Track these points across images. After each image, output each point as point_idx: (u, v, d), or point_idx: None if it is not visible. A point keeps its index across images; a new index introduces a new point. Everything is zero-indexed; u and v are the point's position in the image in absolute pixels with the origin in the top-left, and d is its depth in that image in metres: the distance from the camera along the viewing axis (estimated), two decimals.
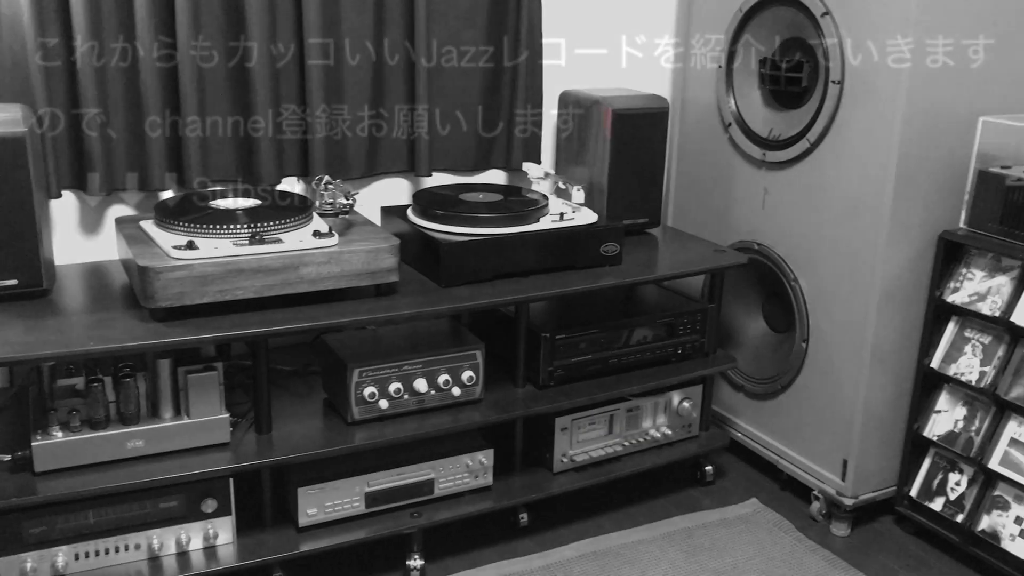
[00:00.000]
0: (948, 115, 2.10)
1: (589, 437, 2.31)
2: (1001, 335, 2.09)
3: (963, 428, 2.16)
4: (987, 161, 2.13)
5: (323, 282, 1.89)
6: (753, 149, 2.42)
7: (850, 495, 2.29)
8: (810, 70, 2.25)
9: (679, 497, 2.48)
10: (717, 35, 2.50)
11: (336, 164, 2.32)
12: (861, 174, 2.14)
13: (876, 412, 2.26)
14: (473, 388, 2.09)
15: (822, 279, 2.29)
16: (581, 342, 2.23)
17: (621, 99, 2.39)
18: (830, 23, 2.14)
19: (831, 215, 2.24)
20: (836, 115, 2.17)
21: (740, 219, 2.52)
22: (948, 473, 2.21)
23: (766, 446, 2.53)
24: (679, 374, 2.36)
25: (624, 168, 2.41)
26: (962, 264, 2.16)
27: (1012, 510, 2.07)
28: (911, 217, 2.13)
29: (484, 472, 2.16)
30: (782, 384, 2.45)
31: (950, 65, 2.05)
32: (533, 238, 2.14)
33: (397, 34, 2.32)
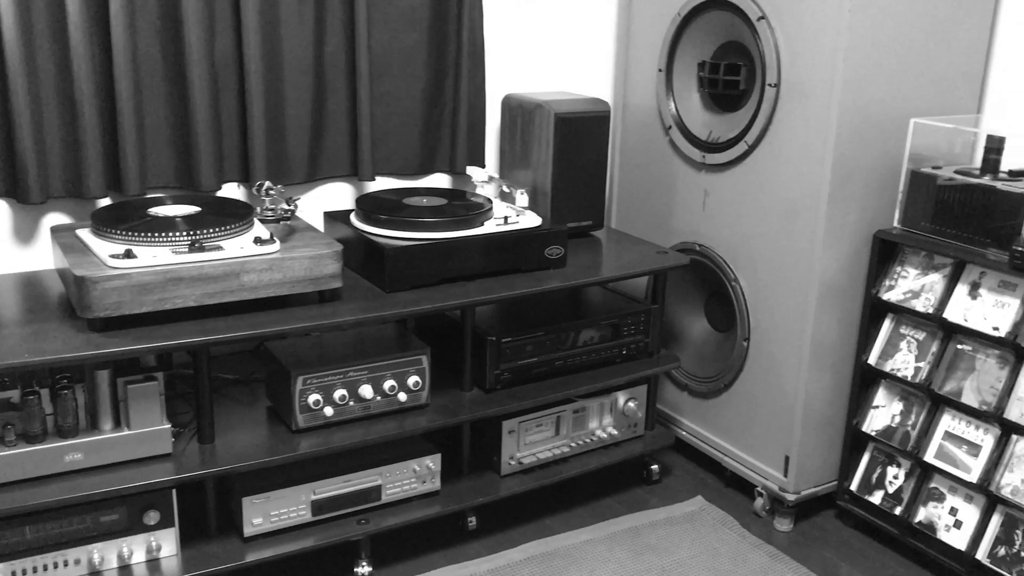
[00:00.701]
0: (881, 117, 2.15)
1: (536, 439, 2.32)
2: (935, 331, 2.15)
3: (900, 423, 2.21)
4: (919, 161, 2.19)
5: (265, 289, 1.87)
6: (693, 152, 2.45)
7: (792, 491, 2.33)
8: (747, 73, 2.29)
9: (626, 496, 2.50)
10: (657, 39, 2.53)
11: (277, 169, 2.30)
12: (798, 175, 2.19)
13: (816, 408, 2.31)
14: (419, 393, 2.09)
15: (762, 279, 2.33)
16: (527, 345, 2.24)
17: (563, 103, 2.41)
18: (766, 27, 2.18)
19: (770, 216, 2.28)
20: (773, 118, 2.21)
21: (682, 221, 2.55)
22: (886, 467, 2.27)
23: (710, 444, 2.57)
24: (624, 374, 2.38)
25: (567, 171, 2.43)
26: (896, 262, 2.21)
27: (947, 501, 2.13)
28: (846, 217, 2.18)
29: (431, 477, 2.16)
30: (725, 382, 2.48)
31: (882, 68, 2.11)
32: (478, 242, 2.15)
33: (338, 38, 2.31)
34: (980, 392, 2.03)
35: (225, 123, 2.22)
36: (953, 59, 2.23)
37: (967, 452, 2.07)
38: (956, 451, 2.09)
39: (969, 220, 2.06)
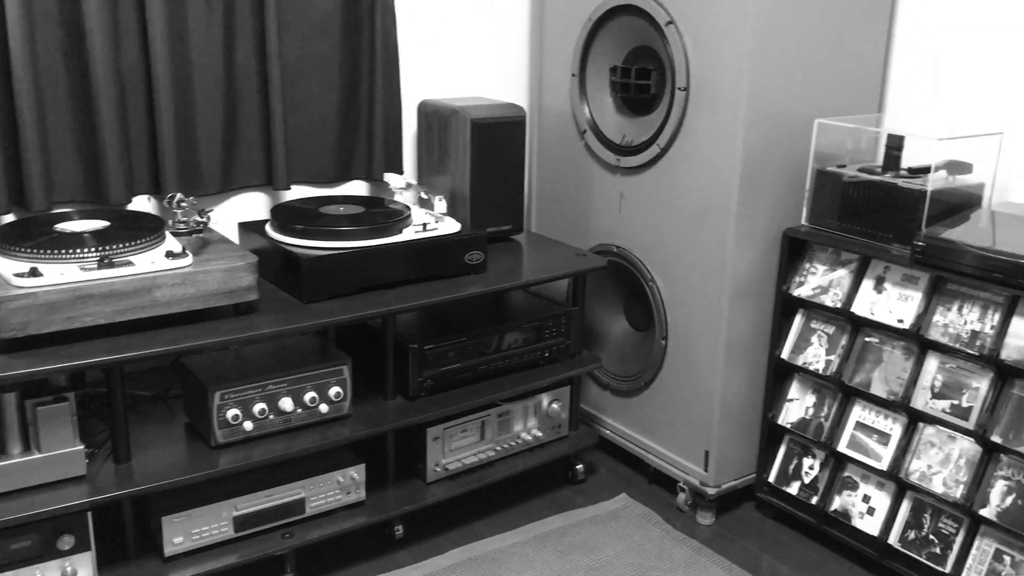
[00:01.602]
0: (787, 118, 2.21)
1: (461, 445, 2.32)
2: (843, 325, 2.22)
3: (813, 415, 2.28)
4: (824, 160, 2.26)
5: (178, 304, 1.83)
6: (608, 155, 2.49)
7: (713, 485, 2.39)
8: (658, 77, 2.34)
9: (552, 497, 2.52)
10: (569, 44, 2.56)
11: (189, 180, 2.26)
12: (709, 177, 2.24)
13: (733, 403, 2.36)
14: (341, 404, 2.08)
15: (677, 278, 2.38)
16: (450, 351, 2.24)
17: (479, 108, 2.42)
18: (674, 32, 2.23)
19: (683, 216, 2.32)
20: (683, 121, 2.26)
21: (599, 223, 2.59)
22: (802, 458, 2.34)
23: (633, 442, 2.61)
24: (547, 376, 2.40)
25: (485, 176, 2.44)
26: (805, 259, 2.28)
27: (860, 489, 2.20)
28: (757, 216, 2.24)
29: (356, 487, 2.15)
30: (645, 381, 2.53)
31: (786, 71, 2.17)
32: (397, 250, 2.14)
33: (248, 46, 2.27)
34: (888, 383, 2.11)
35: (134, 134, 2.17)
36: (854, 61, 2.30)
37: (877, 441, 2.15)
38: (867, 440, 2.16)
39: (873, 216, 2.14)
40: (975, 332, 1.95)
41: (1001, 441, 1.91)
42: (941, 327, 2.00)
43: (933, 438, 2.05)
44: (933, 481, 2.03)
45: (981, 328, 1.94)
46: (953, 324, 1.98)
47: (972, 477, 1.97)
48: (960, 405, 1.98)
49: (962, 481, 1.98)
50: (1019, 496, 1.90)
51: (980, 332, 1.94)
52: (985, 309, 1.94)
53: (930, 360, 2.04)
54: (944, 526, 2.04)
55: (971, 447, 1.98)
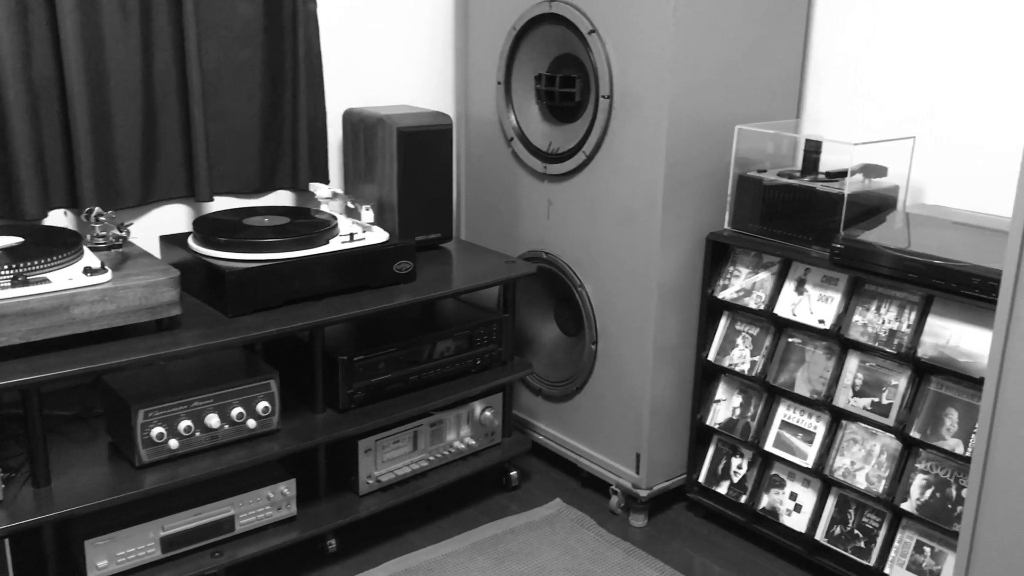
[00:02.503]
0: (708, 125, 2.25)
1: (394, 456, 2.31)
2: (767, 326, 2.27)
3: (740, 415, 2.32)
4: (745, 166, 2.30)
5: (97, 321, 1.79)
6: (535, 162, 2.50)
7: (644, 487, 2.41)
8: (582, 85, 2.36)
9: (487, 505, 2.52)
10: (494, 52, 2.56)
11: (107, 193, 2.20)
12: (634, 183, 2.26)
13: (663, 406, 2.39)
14: (270, 419, 2.04)
15: (606, 283, 2.40)
16: (380, 362, 2.23)
17: (405, 117, 2.41)
18: (597, 40, 2.25)
19: (610, 222, 2.35)
20: (608, 128, 2.28)
21: (528, 230, 2.60)
22: (730, 458, 2.38)
23: (566, 446, 2.62)
24: (479, 384, 2.40)
25: (413, 185, 2.43)
26: (729, 263, 2.32)
27: (787, 487, 2.25)
28: (681, 221, 2.28)
29: (287, 503, 2.12)
30: (577, 385, 2.54)
31: (707, 78, 2.21)
32: (323, 261, 2.12)
33: (167, 54, 2.23)
34: (811, 382, 2.16)
35: (48, 147, 2.11)
36: (772, 68, 2.36)
37: (802, 439, 2.19)
38: (792, 439, 2.21)
39: (793, 220, 2.19)
40: (893, 331, 2.01)
41: (919, 436, 1.97)
42: (860, 327, 2.06)
43: (855, 435, 2.10)
44: (856, 477, 2.08)
45: (898, 327, 2.00)
46: (872, 324, 2.04)
47: (893, 472, 2.03)
48: (880, 402, 2.03)
49: (884, 476, 2.04)
50: (937, 489, 1.96)
51: (897, 331, 2.00)
52: (902, 309, 2.00)
53: (851, 359, 2.10)
54: (868, 520, 2.10)
55: (891, 443, 2.04)
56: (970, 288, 1.84)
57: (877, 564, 2.07)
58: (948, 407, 1.94)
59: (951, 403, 1.93)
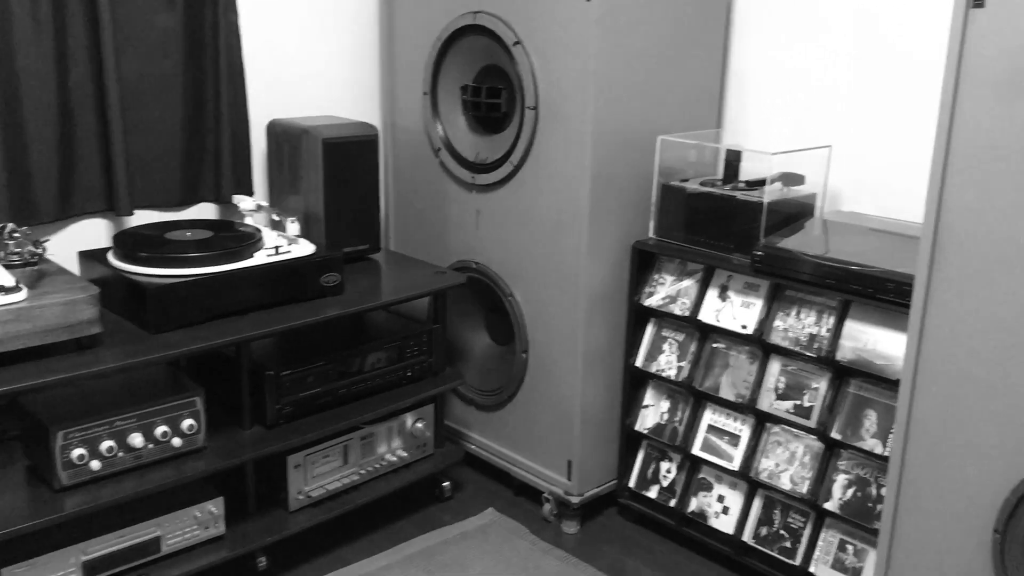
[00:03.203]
0: (632, 135, 2.28)
1: (324, 470, 2.28)
2: (692, 332, 2.31)
3: (668, 419, 2.36)
4: (668, 175, 2.34)
5: (13, 342, 1.73)
6: (463, 173, 2.51)
7: (576, 493, 2.43)
8: (508, 96, 2.37)
9: (420, 517, 2.51)
10: (420, 63, 2.56)
11: (22, 208, 2.14)
12: (561, 193, 2.28)
13: (593, 413, 2.42)
14: (195, 437, 2.01)
15: (535, 292, 2.41)
16: (308, 376, 2.21)
17: (330, 128, 2.39)
18: (521, 52, 2.27)
19: (538, 232, 2.36)
20: (534, 139, 2.30)
21: (457, 240, 2.60)
22: (659, 462, 2.41)
23: (498, 455, 2.63)
24: (410, 396, 2.39)
25: (339, 196, 2.41)
26: (654, 270, 2.36)
27: (715, 490, 2.29)
28: (607, 230, 2.30)
29: (215, 521, 2.08)
30: (508, 394, 2.55)
31: (630, 90, 2.24)
32: (248, 274, 2.09)
33: (83, 67, 2.18)
34: (735, 386, 2.20)
35: None
36: (694, 80, 2.40)
37: (728, 442, 2.24)
38: (719, 442, 2.26)
39: (715, 228, 2.23)
40: (813, 335, 2.06)
41: (840, 437, 2.02)
42: (782, 331, 2.11)
43: (779, 437, 2.15)
44: (781, 479, 2.13)
45: (818, 331, 2.05)
46: (792, 328, 2.09)
47: (816, 473, 2.08)
48: (802, 405, 2.09)
49: (807, 477, 2.09)
50: (858, 489, 2.02)
51: (817, 335, 2.05)
52: (821, 313, 2.06)
53: (773, 363, 2.15)
54: (793, 521, 2.15)
55: (814, 444, 2.10)
56: (885, 293, 1.90)
57: (802, 563, 2.12)
58: (867, 408, 1.99)
59: (870, 404, 1.99)
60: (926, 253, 1.65)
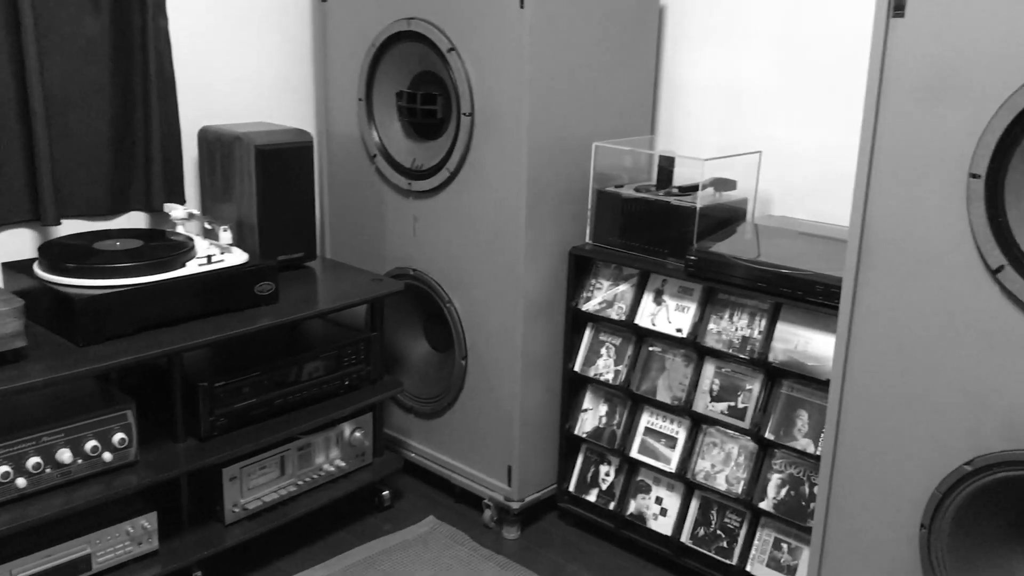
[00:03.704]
0: (568, 142, 2.30)
1: (261, 482, 2.25)
2: (629, 336, 2.33)
3: (607, 423, 2.38)
4: (604, 181, 2.36)
5: None
6: (399, 179, 2.50)
7: (517, 499, 2.44)
8: (444, 102, 2.37)
9: (359, 527, 2.49)
10: (354, 69, 2.55)
11: None
12: (498, 199, 2.29)
13: (532, 418, 2.42)
14: (127, 451, 1.96)
15: (474, 298, 2.42)
16: (243, 386, 2.17)
17: (263, 134, 2.36)
18: (456, 59, 2.27)
19: (476, 238, 2.37)
20: (471, 145, 2.30)
21: (394, 247, 2.59)
22: (599, 466, 2.43)
23: (438, 463, 2.62)
24: (348, 405, 2.37)
25: (273, 204, 2.38)
26: (591, 275, 2.38)
27: (653, 492, 2.32)
28: (544, 236, 2.31)
29: (148, 537, 2.04)
30: (448, 401, 2.55)
31: (565, 97, 2.26)
32: (180, 285, 2.06)
33: (5, 73, 2.12)
34: (671, 389, 2.23)
35: None
36: (628, 86, 2.43)
37: (665, 445, 2.26)
38: (656, 445, 2.28)
39: (650, 233, 2.26)
40: (745, 338, 2.10)
41: (774, 438, 2.06)
42: (715, 334, 2.14)
43: (715, 439, 2.19)
44: (717, 479, 2.16)
45: (750, 334, 2.09)
46: (725, 331, 2.13)
47: (751, 473, 2.12)
48: (736, 406, 2.12)
49: (742, 477, 2.13)
50: (792, 488, 2.06)
51: (750, 337, 2.09)
52: (753, 316, 2.10)
53: (707, 366, 2.18)
54: (729, 521, 2.18)
55: (748, 445, 2.13)
56: (814, 295, 1.94)
57: (739, 563, 2.15)
58: (799, 408, 2.03)
59: (801, 405, 2.03)
60: (853, 256, 1.69)
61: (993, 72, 1.47)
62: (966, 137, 1.52)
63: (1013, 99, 1.46)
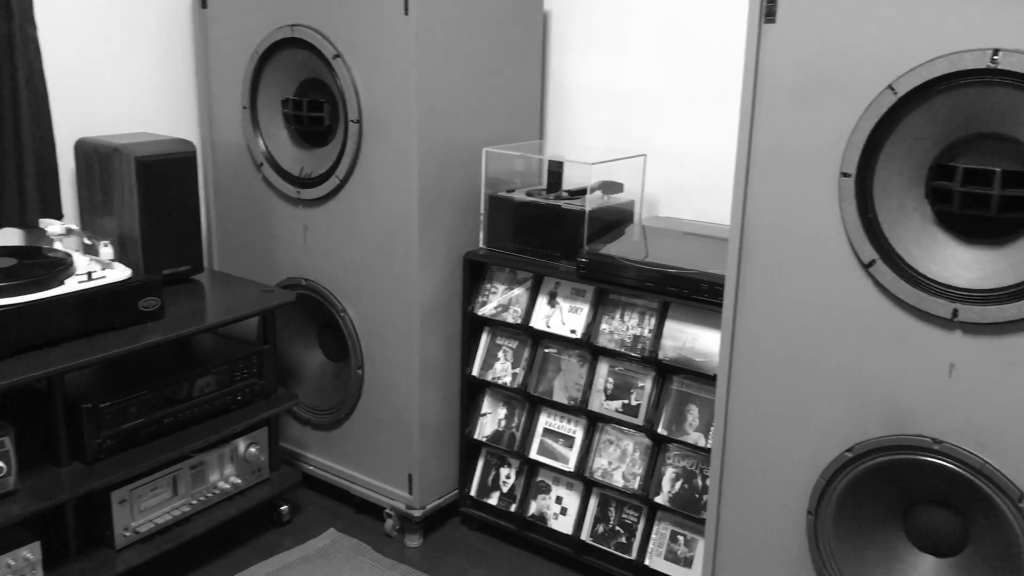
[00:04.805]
0: (458, 148, 2.31)
1: (153, 504, 2.18)
2: (525, 339, 2.35)
3: (506, 426, 2.39)
4: (495, 186, 2.38)
5: None
6: (288, 188, 2.46)
7: (418, 506, 2.43)
8: (331, 109, 2.35)
9: (258, 543, 2.44)
10: (238, 77, 2.50)
11: None
12: (390, 206, 2.28)
13: (432, 424, 2.42)
14: (5, 479, 1.87)
15: (368, 307, 2.40)
16: (130, 406, 2.10)
17: (144, 145, 2.29)
18: (342, 65, 2.25)
19: (368, 246, 2.35)
20: (360, 152, 2.28)
21: (285, 257, 2.54)
22: (499, 469, 2.44)
23: (338, 474, 2.59)
24: (242, 420, 2.32)
25: (157, 216, 2.31)
26: (486, 280, 2.39)
27: (553, 492, 2.34)
28: (437, 242, 2.31)
29: (31, 568, 1.95)
30: (345, 412, 2.52)
31: (454, 103, 2.26)
32: (59, 303, 1.97)
33: None
34: (567, 389, 2.26)
35: None
36: (516, 91, 2.45)
37: (563, 445, 2.29)
38: (555, 445, 2.31)
39: (542, 236, 2.28)
40: (636, 336, 2.14)
41: (666, 433, 2.11)
42: (608, 334, 2.18)
43: (611, 436, 2.23)
44: (614, 476, 2.20)
45: (641, 332, 2.14)
46: (617, 331, 2.17)
47: (646, 468, 2.16)
48: (630, 404, 2.16)
49: (638, 473, 2.17)
50: (685, 481, 2.11)
51: (640, 336, 2.14)
52: (643, 315, 2.14)
53: (601, 365, 2.22)
54: (627, 516, 2.22)
55: (643, 441, 2.18)
56: (700, 293, 2.00)
57: (638, 557, 2.19)
58: (689, 404, 2.09)
59: (692, 400, 2.09)
60: (734, 254, 1.75)
61: (859, 75, 1.55)
62: (836, 137, 1.59)
63: (878, 101, 1.53)
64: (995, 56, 1.41)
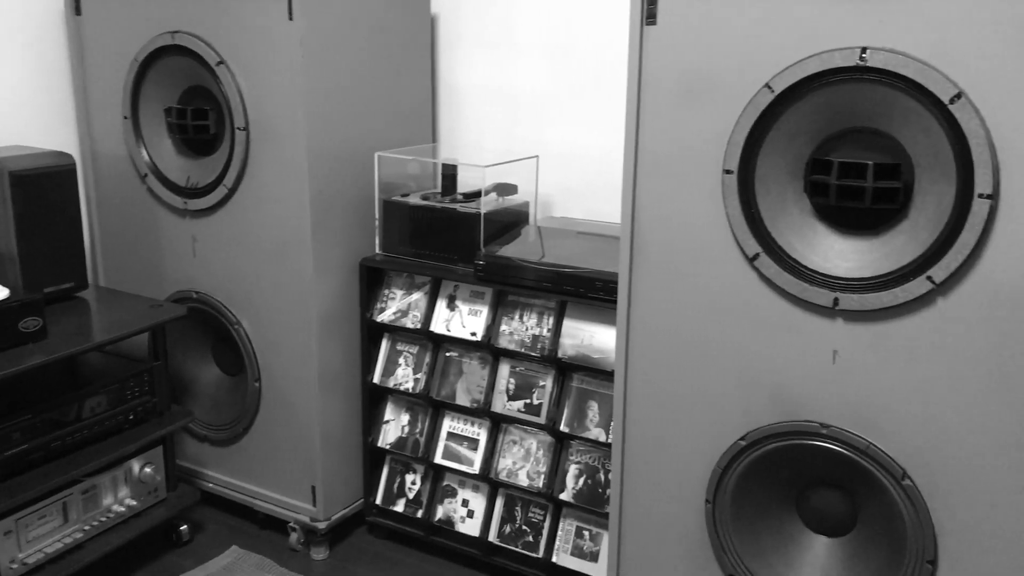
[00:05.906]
0: (350, 153, 2.28)
1: (41, 532, 2.09)
2: (425, 344, 2.34)
3: (409, 432, 2.38)
4: (389, 190, 2.36)
5: None
6: (174, 198, 2.39)
7: (323, 518, 2.39)
8: (216, 117, 2.29)
9: (157, 566, 2.37)
10: (117, 86, 2.41)
11: None
12: (281, 214, 2.24)
13: (334, 434, 2.39)
14: None
15: (263, 318, 2.35)
16: (13, 432, 2.01)
17: (17, 159, 2.19)
18: (226, 72, 2.20)
19: (261, 255, 2.30)
20: (248, 160, 2.24)
21: (174, 269, 2.47)
22: (404, 475, 2.43)
23: (239, 490, 2.53)
24: (135, 440, 2.25)
25: (35, 233, 2.21)
26: (384, 286, 2.37)
27: (459, 495, 2.34)
28: (332, 249, 2.28)
29: None
30: (243, 426, 2.46)
31: (343, 108, 2.23)
32: None
33: None
34: (470, 392, 2.26)
35: None
36: (407, 95, 2.44)
37: (468, 447, 2.29)
38: (459, 448, 2.30)
39: (438, 240, 2.28)
40: (536, 336, 2.16)
41: (568, 430, 2.13)
42: (508, 335, 2.19)
43: (514, 436, 2.24)
44: (519, 476, 2.22)
45: (540, 332, 2.15)
46: (517, 331, 2.18)
47: (550, 466, 2.18)
48: (532, 403, 2.18)
49: (542, 472, 2.19)
50: (588, 476, 2.14)
51: (540, 336, 2.15)
52: (541, 315, 2.16)
53: (502, 366, 2.23)
54: (533, 515, 2.24)
55: (546, 439, 2.20)
56: (595, 291, 2.03)
57: (545, 555, 2.21)
58: (589, 400, 2.12)
59: (591, 396, 2.12)
60: (626, 252, 1.78)
61: (738, 75, 1.59)
62: (718, 135, 1.63)
63: (756, 99, 1.58)
64: (863, 54, 1.47)
